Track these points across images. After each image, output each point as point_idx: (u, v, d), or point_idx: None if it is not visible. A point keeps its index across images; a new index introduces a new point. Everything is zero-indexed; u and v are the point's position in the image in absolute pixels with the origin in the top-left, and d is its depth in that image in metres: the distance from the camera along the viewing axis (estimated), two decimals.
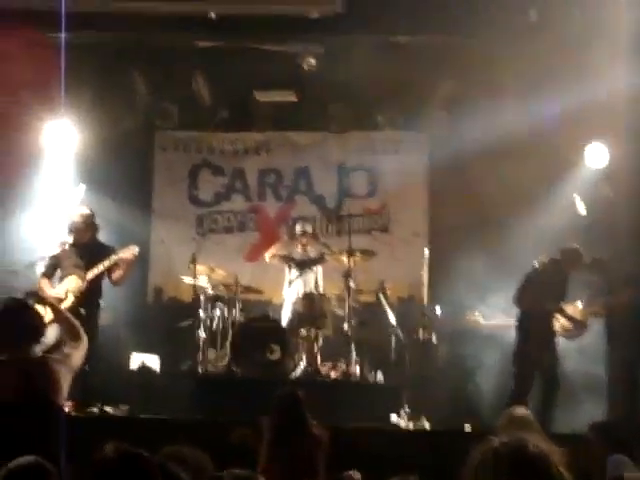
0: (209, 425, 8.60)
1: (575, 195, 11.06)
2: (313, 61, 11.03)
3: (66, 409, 8.45)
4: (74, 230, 9.21)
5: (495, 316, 10.74)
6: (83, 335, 5.70)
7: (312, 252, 10.87)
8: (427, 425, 9.21)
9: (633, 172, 10.18)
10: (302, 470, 5.92)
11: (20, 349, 5.46)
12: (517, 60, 10.34)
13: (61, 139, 11.15)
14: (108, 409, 8.98)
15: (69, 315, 5.96)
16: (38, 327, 5.67)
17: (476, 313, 11.02)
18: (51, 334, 7.86)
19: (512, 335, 9.48)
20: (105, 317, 9.88)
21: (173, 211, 12.82)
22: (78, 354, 5.61)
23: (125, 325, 11.27)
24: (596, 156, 11.00)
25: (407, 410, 9.38)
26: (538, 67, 10.43)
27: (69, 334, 5.67)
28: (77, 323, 5.79)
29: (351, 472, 6.66)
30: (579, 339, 9.71)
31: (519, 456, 2.25)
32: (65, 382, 5.41)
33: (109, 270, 9.22)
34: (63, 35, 9.38)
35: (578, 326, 9.48)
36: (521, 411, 6.58)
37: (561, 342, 9.54)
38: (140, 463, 2.84)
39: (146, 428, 8.28)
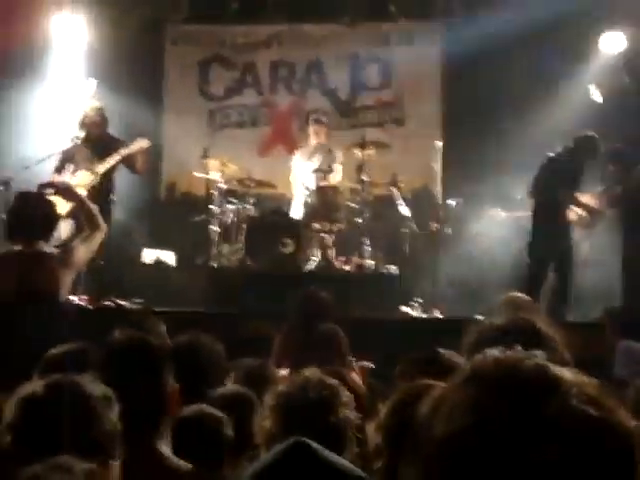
0: (224, 317, 8.68)
1: (591, 84, 10.91)
2: None
3: (81, 302, 8.66)
4: (85, 124, 9.18)
5: (513, 208, 10.68)
6: (102, 224, 5.71)
7: (324, 146, 10.76)
8: (439, 315, 9.27)
9: None
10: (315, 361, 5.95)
11: (33, 241, 5.49)
12: None
13: (70, 33, 11.03)
14: (122, 302, 9.06)
15: (87, 201, 5.96)
16: (52, 219, 5.68)
17: (496, 207, 10.94)
18: (64, 228, 7.93)
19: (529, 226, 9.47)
20: (118, 212, 9.92)
21: (184, 106, 12.69)
22: (84, 248, 5.63)
23: (138, 220, 11.30)
24: (612, 43, 10.84)
25: (420, 301, 9.45)
26: None
27: (88, 222, 5.68)
28: (96, 210, 5.78)
29: (364, 363, 6.75)
30: (595, 230, 9.69)
31: (528, 331, 2.22)
32: (65, 276, 5.43)
33: (128, 161, 9.23)
34: None
35: (594, 215, 9.41)
36: (521, 296, 6.56)
37: (576, 233, 9.53)
38: (148, 346, 2.87)
39: (161, 320, 8.36)
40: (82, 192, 8.80)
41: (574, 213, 9.34)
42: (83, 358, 3.31)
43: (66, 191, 6.85)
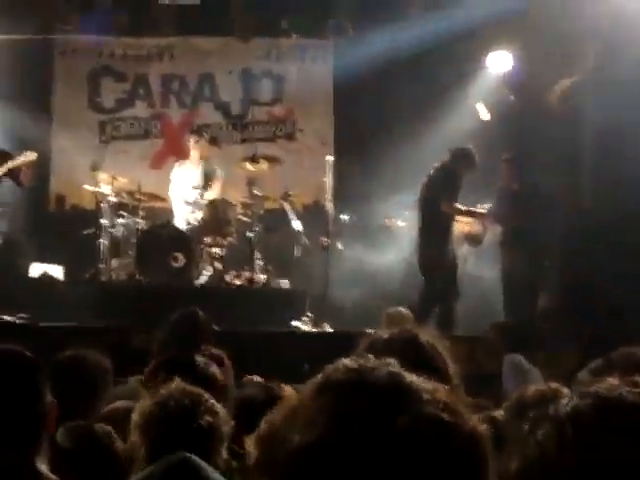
0: (112, 331, 8.59)
1: (479, 102, 11.19)
2: None
3: None
4: None
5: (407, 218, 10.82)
6: None
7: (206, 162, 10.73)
8: (329, 329, 9.33)
9: (532, 75, 10.39)
10: None
11: None
12: None
13: None
14: (6, 317, 8.86)
15: None
16: None
17: (392, 217, 11.07)
18: None
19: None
20: (2, 225, 9.70)
21: (74, 118, 12.48)
22: None
23: (25, 233, 11.06)
24: (498, 62, 11.16)
25: (310, 315, 9.49)
26: None
27: None
28: None
29: (252, 377, 6.73)
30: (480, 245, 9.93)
31: (410, 342, 2.26)
32: None
33: (13, 174, 9.05)
34: None
35: (480, 227, 9.66)
36: (399, 310, 6.68)
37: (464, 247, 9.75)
38: (23, 360, 2.80)
39: (46, 335, 8.22)
40: None
41: (463, 226, 9.56)
42: None
43: None
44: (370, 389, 1.11)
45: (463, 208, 9.50)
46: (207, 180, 10.47)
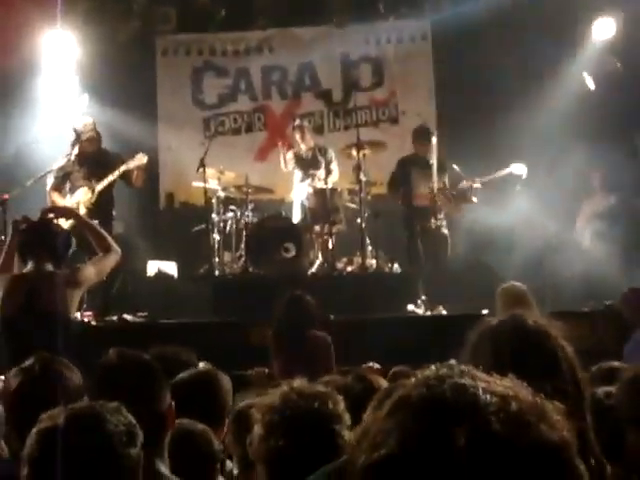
0: (229, 327, 8.69)
1: (584, 72, 10.94)
2: None
3: (85, 319, 8.66)
4: (79, 141, 9.17)
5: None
6: (115, 248, 5.82)
7: (312, 147, 10.71)
8: (444, 312, 9.26)
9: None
10: (301, 371, 5.90)
11: (41, 262, 5.65)
12: None
13: (61, 50, 11.02)
14: (127, 317, 9.06)
15: (94, 225, 6.08)
16: (59, 242, 5.83)
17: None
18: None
19: None
20: (119, 226, 9.92)
21: (179, 116, 12.69)
22: (94, 269, 5.75)
23: (139, 233, 11.29)
24: (603, 30, 10.89)
25: (424, 299, 9.43)
26: None
27: (99, 245, 5.81)
28: (105, 233, 5.93)
29: (370, 364, 6.75)
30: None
31: (519, 332, 2.22)
32: (72, 296, 5.57)
33: (126, 177, 9.24)
34: None
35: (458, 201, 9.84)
36: (516, 286, 6.54)
37: None
38: (143, 364, 2.85)
39: (165, 333, 8.38)
40: (82, 209, 8.87)
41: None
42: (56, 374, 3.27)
43: (69, 215, 7.04)
44: (435, 405, 1.08)
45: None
46: (326, 165, 10.46)
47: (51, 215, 6.17)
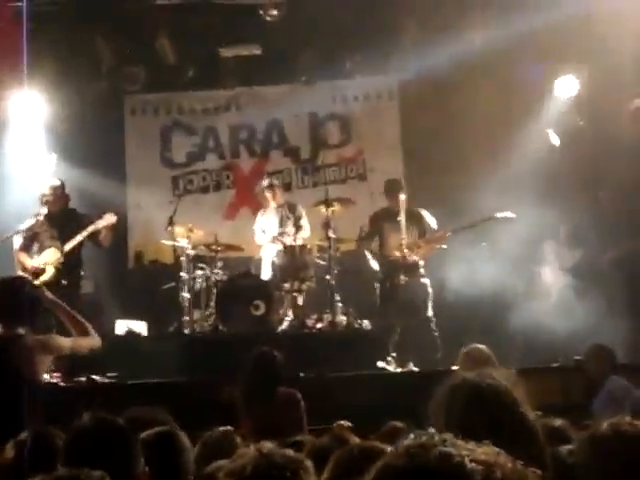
0: (199, 385, 8.63)
1: (548, 128, 11.13)
2: (275, 11, 10.94)
3: (54, 380, 8.56)
4: (46, 202, 9.16)
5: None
6: (94, 335, 5.71)
7: (282, 204, 10.76)
8: (414, 368, 9.25)
9: (601, 99, 10.30)
10: (271, 429, 5.86)
11: (13, 325, 5.58)
12: None
13: (28, 110, 11.04)
14: (96, 377, 8.97)
15: (67, 309, 5.93)
16: (32, 304, 5.76)
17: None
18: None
19: None
20: (88, 286, 9.87)
21: (147, 175, 12.73)
22: (69, 344, 5.66)
23: (108, 292, 11.24)
24: (565, 87, 11.10)
25: (394, 355, 9.42)
26: None
27: (75, 328, 5.71)
28: (84, 321, 5.78)
29: (342, 422, 6.70)
30: None
31: (473, 392, 2.25)
32: (42, 360, 5.48)
33: (94, 236, 9.22)
34: (25, 3, 9.29)
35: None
36: (476, 348, 6.57)
37: None
38: (117, 429, 2.84)
39: (134, 393, 8.30)
40: (50, 270, 8.83)
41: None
42: (49, 443, 3.26)
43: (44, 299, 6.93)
44: (422, 475, 1.09)
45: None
46: (296, 221, 10.51)
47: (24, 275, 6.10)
